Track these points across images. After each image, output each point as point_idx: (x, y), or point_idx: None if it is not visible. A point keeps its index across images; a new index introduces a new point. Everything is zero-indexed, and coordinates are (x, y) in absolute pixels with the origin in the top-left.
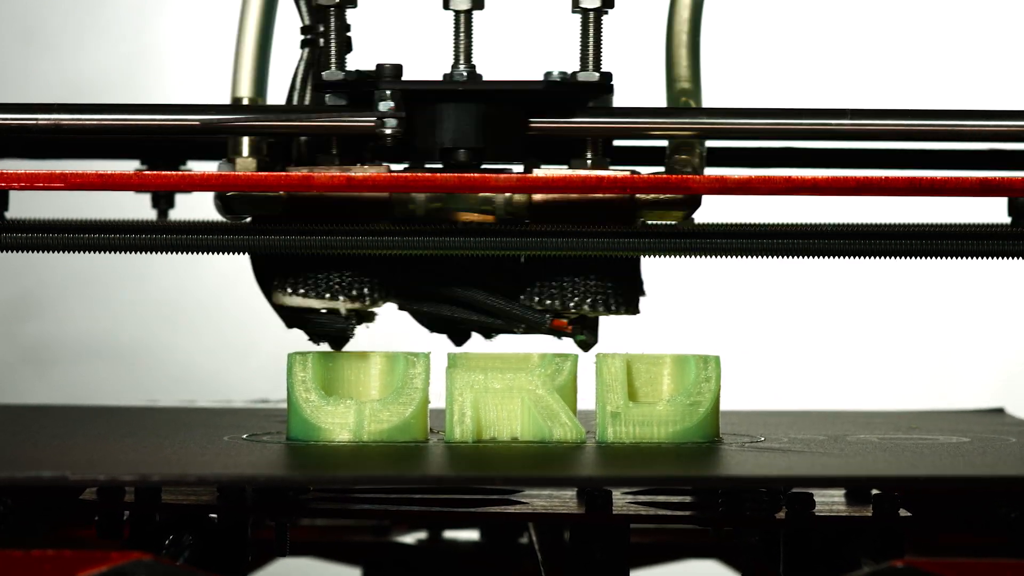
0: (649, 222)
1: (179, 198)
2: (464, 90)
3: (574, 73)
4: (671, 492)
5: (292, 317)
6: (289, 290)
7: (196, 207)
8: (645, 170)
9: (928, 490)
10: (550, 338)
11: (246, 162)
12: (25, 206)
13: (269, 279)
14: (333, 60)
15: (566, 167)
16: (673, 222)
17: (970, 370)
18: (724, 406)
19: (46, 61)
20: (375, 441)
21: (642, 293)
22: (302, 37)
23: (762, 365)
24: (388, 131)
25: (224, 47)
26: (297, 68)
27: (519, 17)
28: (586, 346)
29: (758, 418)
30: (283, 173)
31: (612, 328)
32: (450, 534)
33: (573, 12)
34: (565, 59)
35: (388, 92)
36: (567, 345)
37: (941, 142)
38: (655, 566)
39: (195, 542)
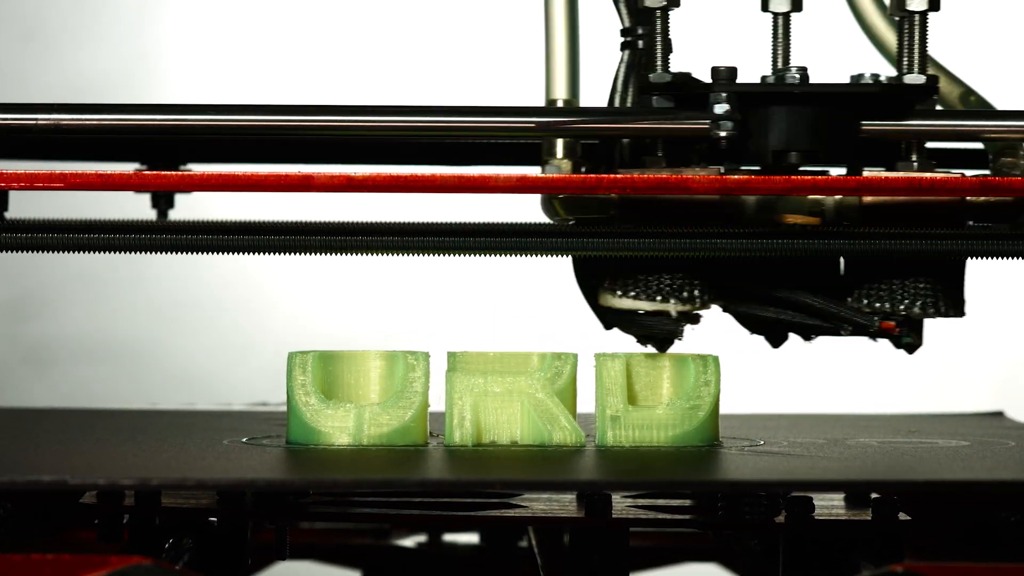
0: (970, 224)
1: (179, 198)
2: (800, 93)
3: (899, 76)
4: (671, 496)
5: (617, 318)
6: (619, 292)
7: (196, 207)
8: (971, 173)
9: (927, 494)
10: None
11: (561, 163)
12: (25, 206)
13: (594, 281)
14: (659, 62)
15: (883, 170)
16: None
17: (969, 372)
18: (723, 409)
19: (46, 61)
20: (375, 445)
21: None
22: (621, 40)
23: (762, 368)
24: (723, 133)
25: (225, 47)
26: (617, 70)
27: (823, 19)
28: (912, 348)
29: (757, 421)
30: (284, 173)
31: (613, 332)
32: (450, 537)
33: (894, 15)
34: (861, 62)
35: (723, 95)
36: (567, 346)
37: (941, 142)
38: (655, 569)
39: (195, 546)
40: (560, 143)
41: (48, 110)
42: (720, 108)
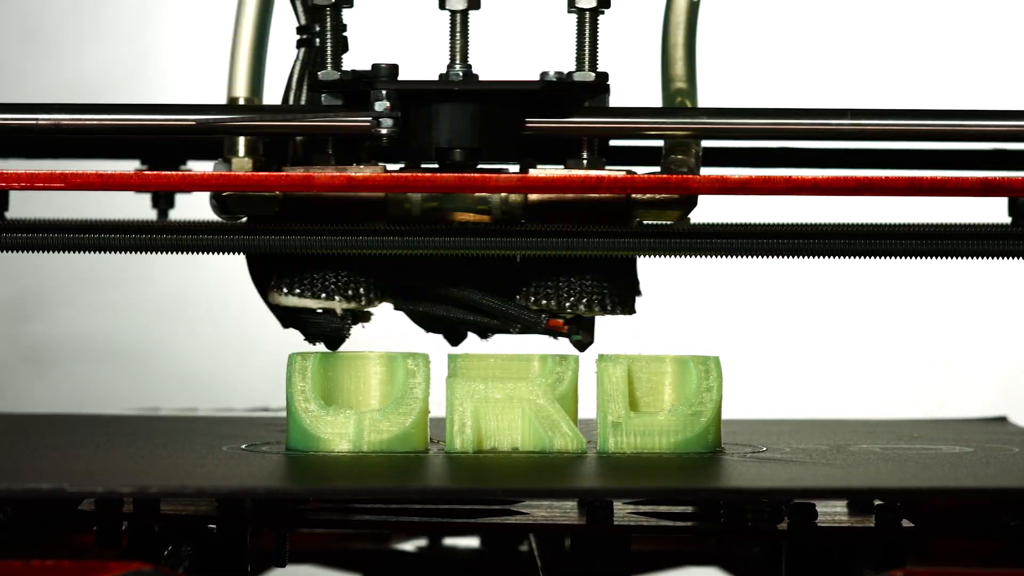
0: (645, 222)
1: (179, 198)
2: (460, 90)
3: (570, 73)
4: (672, 503)
5: (288, 317)
6: (285, 290)
7: (196, 207)
8: (641, 170)
9: (931, 501)
10: (550, 339)
11: (242, 162)
12: (25, 206)
13: (265, 279)
14: (329, 60)
15: (561, 167)
16: (669, 222)
17: (972, 375)
18: (726, 414)
19: (46, 61)
20: (375, 451)
21: (638, 293)
22: (298, 37)
23: (763, 372)
24: (384, 131)
25: (224, 47)
26: (293, 68)
27: (515, 17)
28: (582, 346)
29: (760, 427)
30: (283, 173)
31: (613, 332)
32: (450, 541)
33: (569, 12)
34: (561, 59)
35: (384, 92)
36: (567, 347)
37: (941, 142)
38: (656, 573)
39: (194, 552)
40: (242, 141)
41: (48, 110)
42: (380, 105)
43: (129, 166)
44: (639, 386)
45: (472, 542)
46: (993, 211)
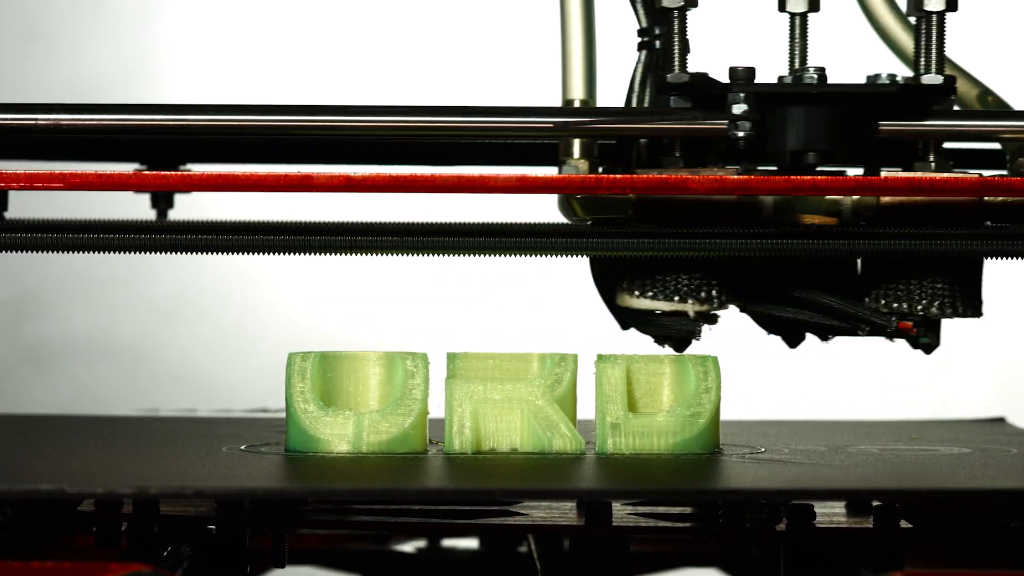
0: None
1: (179, 198)
2: (818, 93)
3: (916, 76)
4: (671, 503)
5: (635, 319)
6: (637, 292)
7: (196, 207)
8: (988, 173)
9: (929, 502)
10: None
11: (578, 163)
12: (25, 206)
13: (611, 281)
14: (676, 62)
15: (900, 170)
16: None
17: (971, 376)
18: (724, 415)
19: (46, 61)
20: (374, 452)
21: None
22: (638, 40)
23: (764, 373)
24: (741, 133)
25: (224, 48)
26: (635, 71)
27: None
28: (929, 348)
29: (758, 428)
30: (284, 173)
31: (613, 333)
32: (449, 542)
33: (913, 15)
34: (878, 63)
35: (741, 95)
36: (567, 345)
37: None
38: (655, 574)
39: (193, 553)
40: (577, 143)
41: (48, 110)
42: (738, 108)
43: (129, 166)
44: (638, 387)
45: (471, 543)
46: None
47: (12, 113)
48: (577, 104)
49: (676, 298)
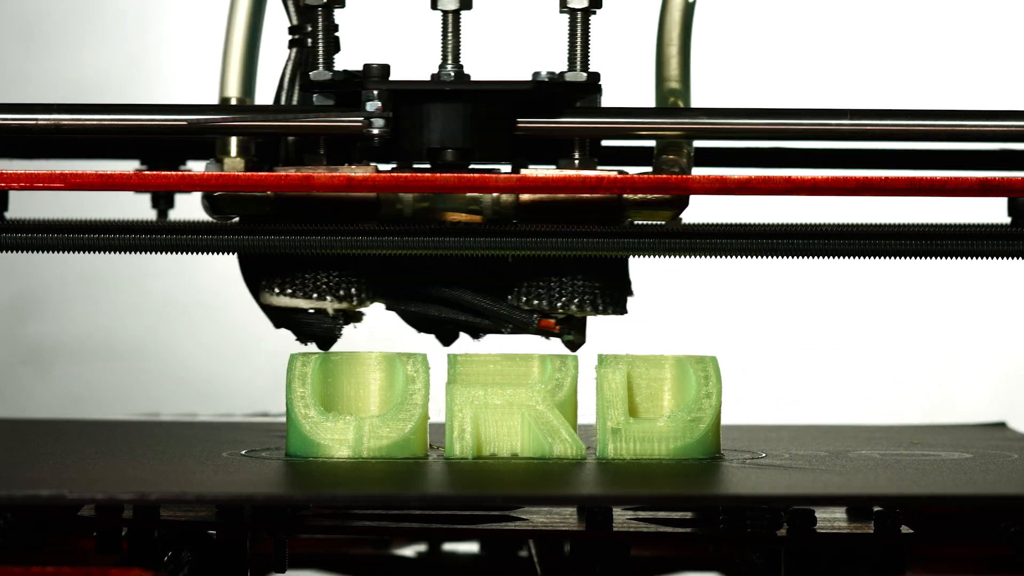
0: (637, 222)
1: (179, 198)
2: (451, 90)
3: (562, 73)
4: (672, 509)
5: (280, 317)
6: (276, 290)
7: (196, 207)
8: (632, 170)
9: (930, 508)
10: (547, 339)
11: (234, 162)
12: (25, 206)
13: (256, 279)
14: (321, 60)
15: (552, 167)
16: (661, 222)
17: (971, 380)
18: (725, 419)
19: (46, 61)
20: (374, 457)
21: (630, 293)
22: (290, 37)
23: (762, 377)
24: (375, 131)
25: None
26: (285, 68)
27: (507, 17)
28: (573, 346)
29: (759, 433)
30: (282, 173)
31: (611, 334)
32: (449, 547)
33: (561, 12)
34: (553, 59)
35: (375, 92)
36: (566, 349)
37: (941, 142)
38: None
39: (194, 558)
40: (234, 142)
41: (48, 110)
42: (372, 105)
43: (129, 166)
44: (638, 392)
45: (472, 548)
46: (993, 211)
47: (12, 113)
48: (234, 102)
49: (315, 295)
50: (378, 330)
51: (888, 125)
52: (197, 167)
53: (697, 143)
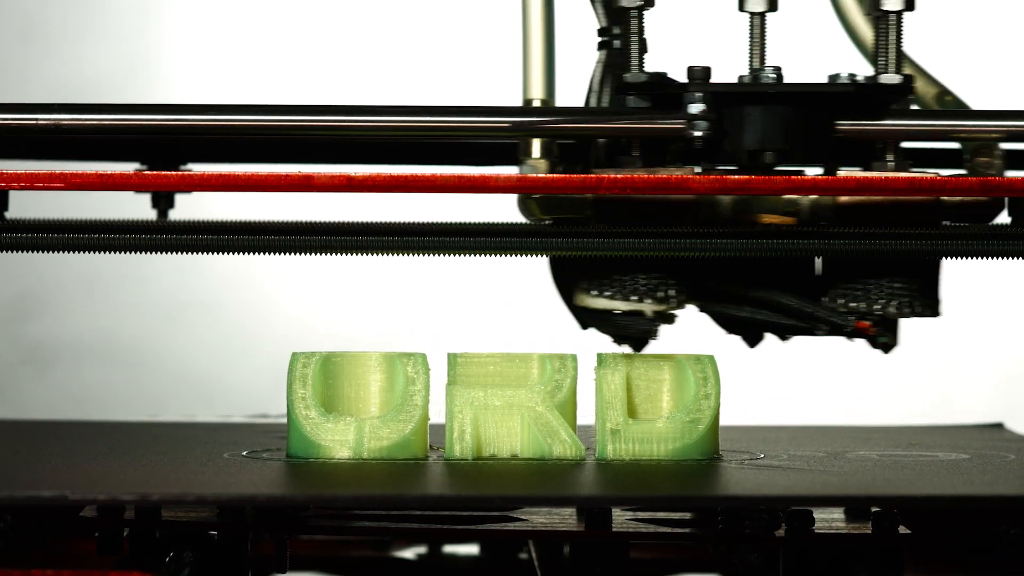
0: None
1: (179, 198)
2: (775, 92)
3: (875, 76)
4: (671, 510)
5: (593, 318)
6: (594, 292)
7: (196, 207)
8: (946, 172)
9: (928, 508)
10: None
11: (537, 163)
12: (25, 206)
13: (570, 281)
14: (634, 62)
15: (859, 170)
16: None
17: (969, 380)
18: (724, 420)
19: (46, 61)
20: (375, 458)
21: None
22: (598, 40)
23: (761, 378)
24: (698, 133)
25: (224, 48)
26: (594, 70)
27: (804, 19)
28: (887, 348)
29: (758, 433)
30: (284, 173)
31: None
32: (450, 548)
33: (872, 15)
34: (844, 62)
35: (698, 94)
36: (566, 343)
37: (941, 142)
38: None
39: (195, 559)
40: (537, 143)
41: (48, 110)
42: (695, 108)
43: (129, 166)
44: (637, 393)
45: (472, 549)
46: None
47: (12, 113)
48: (537, 104)
49: (633, 297)
50: (379, 330)
51: (888, 125)
52: (197, 168)
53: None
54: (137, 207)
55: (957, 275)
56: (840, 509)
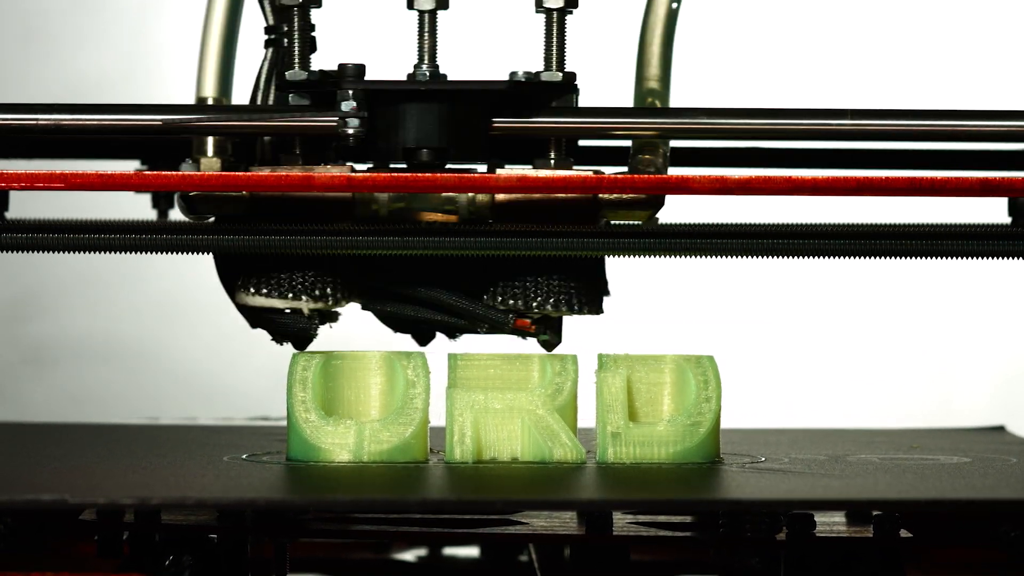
0: (613, 222)
1: None
2: (427, 90)
3: (538, 73)
4: (671, 513)
5: (255, 317)
6: (252, 290)
7: None
8: (608, 170)
9: (929, 512)
10: (531, 339)
11: (211, 162)
12: (25, 206)
13: (232, 280)
14: (296, 60)
15: (528, 167)
16: (637, 222)
17: (970, 383)
18: (724, 423)
19: (46, 61)
20: (375, 461)
21: (606, 293)
22: (266, 37)
23: (762, 381)
24: (350, 131)
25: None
26: (261, 68)
27: (484, 17)
28: (549, 346)
29: (758, 437)
30: (284, 173)
31: (609, 335)
32: (450, 551)
33: (537, 11)
34: (531, 59)
35: (350, 92)
36: (567, 347)
37: (941, 142)
38: None
39: (195, 562)
40: (211, 141)
41: (48, 110)
42: (346, 105)
43: (129, 166)
44: (638, 396)
45: (472, 552)
46: (993, 211)
47: (12, 113)
48: (210, 102)
49: (290, 295)
50: (378, 330)
51: (888, 125)
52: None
53: (698, 143)
54: (137, 207)
55: (957, 275)
56: (841, 513)
